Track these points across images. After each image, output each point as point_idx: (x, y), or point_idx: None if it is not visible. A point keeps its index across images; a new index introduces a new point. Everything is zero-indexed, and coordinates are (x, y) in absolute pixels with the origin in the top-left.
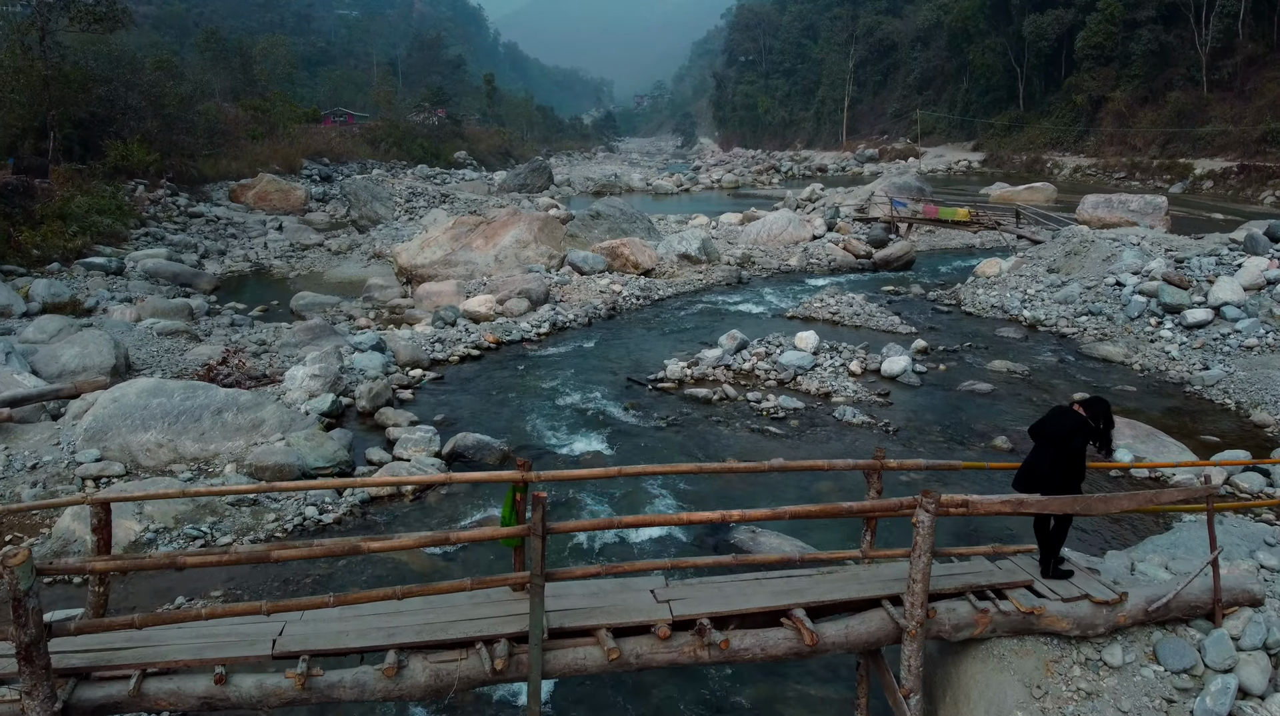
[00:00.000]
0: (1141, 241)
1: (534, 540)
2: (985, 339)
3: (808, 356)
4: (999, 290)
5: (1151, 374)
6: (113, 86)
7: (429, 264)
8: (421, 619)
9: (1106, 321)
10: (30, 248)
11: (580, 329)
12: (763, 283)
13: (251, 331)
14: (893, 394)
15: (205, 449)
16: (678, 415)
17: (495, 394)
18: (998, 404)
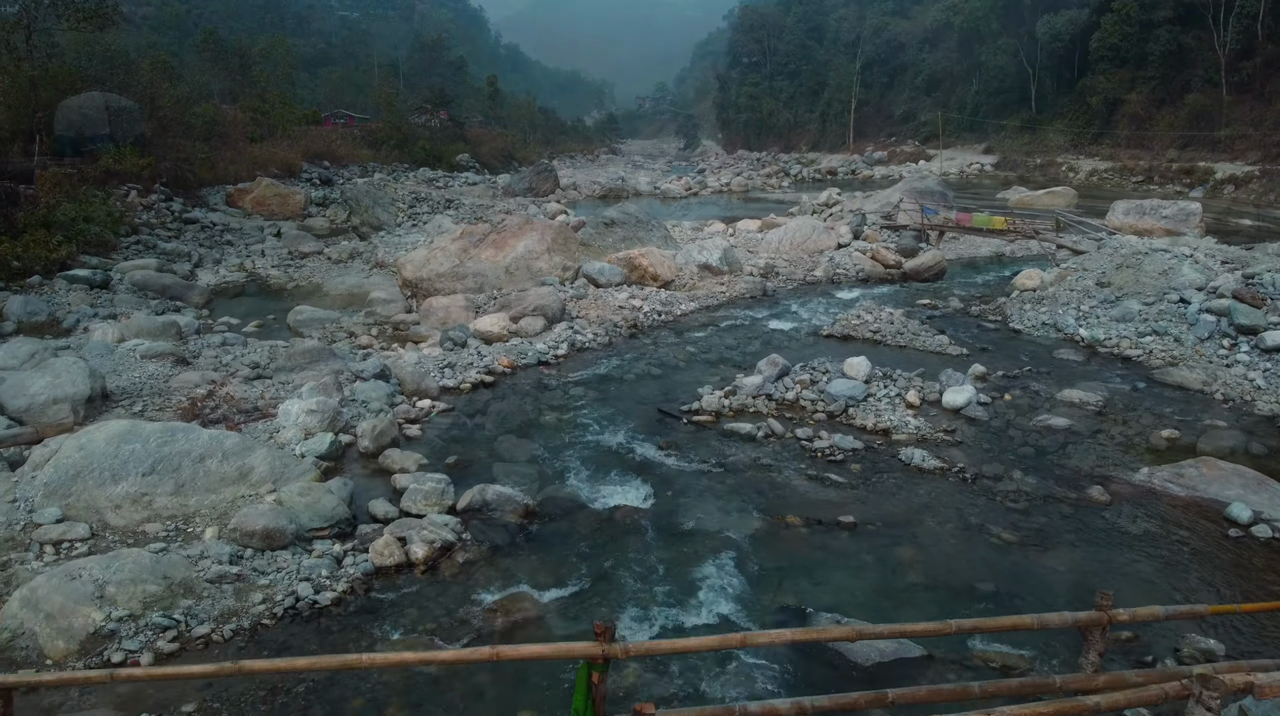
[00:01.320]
0: (1194, 252)
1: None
2: (1044, 362)
3: (859, 385)
4: (1049, 306)
5: (1238, 405)
6: (106, 88)
7: (436, 276)
8: None
9: (1174, 343)
10: (10, 259)
11: (601, 349)
12: (788, 295)
13: (245, 352)
14: (959, 430)
15: (184, 504)
16: (720, 457)
17: (513, 429)
18: (1080, 443)
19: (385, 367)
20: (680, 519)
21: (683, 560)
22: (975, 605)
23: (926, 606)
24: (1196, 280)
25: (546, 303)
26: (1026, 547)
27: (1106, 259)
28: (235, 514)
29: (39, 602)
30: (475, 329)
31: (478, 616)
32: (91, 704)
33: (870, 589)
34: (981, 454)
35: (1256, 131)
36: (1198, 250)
